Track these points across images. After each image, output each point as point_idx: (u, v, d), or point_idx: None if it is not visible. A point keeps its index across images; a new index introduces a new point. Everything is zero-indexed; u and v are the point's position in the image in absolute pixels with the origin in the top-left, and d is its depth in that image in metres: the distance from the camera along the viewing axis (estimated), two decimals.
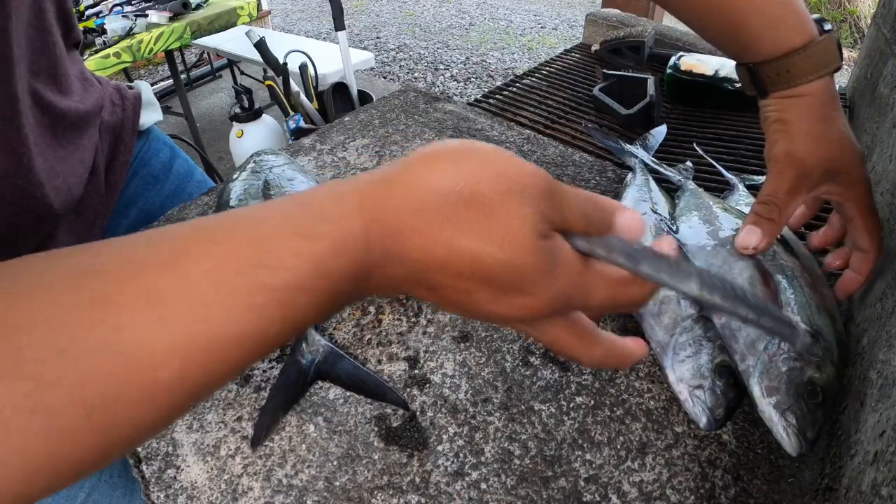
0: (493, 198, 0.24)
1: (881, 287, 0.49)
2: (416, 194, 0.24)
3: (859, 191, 0.43)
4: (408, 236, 0.24)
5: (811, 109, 0.42)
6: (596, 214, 0.27)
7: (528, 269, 0.24)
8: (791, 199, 0.43)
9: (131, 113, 0.64)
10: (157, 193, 0.68)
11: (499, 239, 0.24)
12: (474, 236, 0.24)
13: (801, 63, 0.41)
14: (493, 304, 0.25)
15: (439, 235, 0.24)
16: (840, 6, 4.25)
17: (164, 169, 0.70)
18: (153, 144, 0.69)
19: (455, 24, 4.48)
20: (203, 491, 0.40)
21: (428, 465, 0.41)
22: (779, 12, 0.42)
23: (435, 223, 0.24)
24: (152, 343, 0.20)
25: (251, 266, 0.21)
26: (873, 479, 0.34)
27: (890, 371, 0.39)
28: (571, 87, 1.18)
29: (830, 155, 0.42)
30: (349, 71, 2.05)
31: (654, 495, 0.39)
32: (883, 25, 0.99)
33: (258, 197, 0.56)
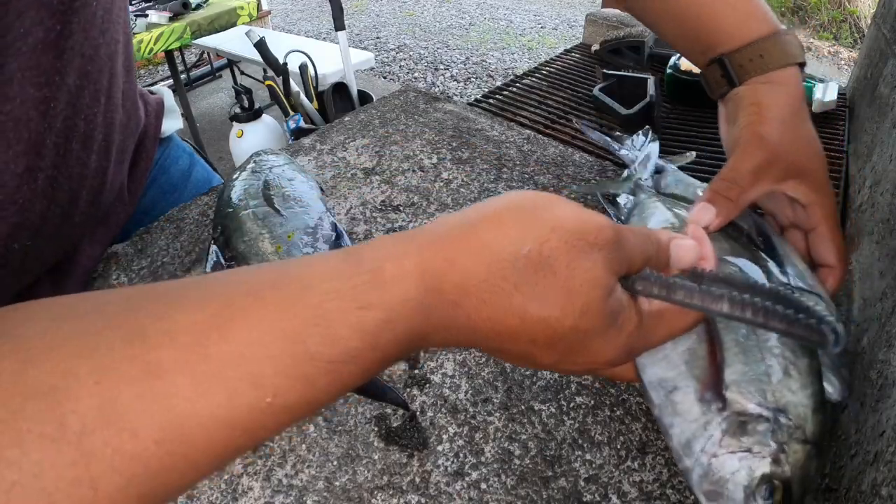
0: (563, 259, 0.23)
1: (881, 287, 0.49)
2: (482, 261, 0.23)
3: (826, 196, 0.41)
4: (474, 308, 0.23)
5: (786, 97, 0.41)
6: (656, 254, 0.27)
7: (596, 332, 0.24)
8: (755, 181, 0.40)
9: (154, 119, 0.63)
10: (174, 202, 0.67)
11: (571, 306, 0.23)
12: (545, 303, 0.23)
13: (772, 49, 0.41)
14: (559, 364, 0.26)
15: (508, 306, 0.23)
16: (840, 6, 4.25)
17: (182, 177, 0.69)
18: (173, 152, 0.68)
19: (455, 24, 4.48)
20: (203, 491, 0.40)
21: (428, 465, 0.41)
22: (745, 6, 0.42)
23: (503, 293, 0.23)
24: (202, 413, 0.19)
25: (303, 335, 0.20)
26: (873, 479, 0.34)
27: (890, 371, 0.39)
28: (571, 87, 1.18)
29: (800, 151, 0.40)
30: (349, 71, 2.05)
31: (654, 495, 0.39)
32: (883, 25, 0.99)
33: (258, 197, 0.56)
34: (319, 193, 0.60)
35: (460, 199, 0.66)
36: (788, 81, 0.41)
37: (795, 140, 0.40)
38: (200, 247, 0.60)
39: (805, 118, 0.41)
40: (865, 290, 0.54)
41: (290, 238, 0.51)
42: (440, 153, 0.74)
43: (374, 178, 0.69)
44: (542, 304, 0.23)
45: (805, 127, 0.41)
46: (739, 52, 0.41)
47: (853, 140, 0.96)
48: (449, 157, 0.73)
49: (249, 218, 0.53)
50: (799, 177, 0.40)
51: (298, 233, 0.52)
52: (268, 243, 0.50)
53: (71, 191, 0.46)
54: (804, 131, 0.41)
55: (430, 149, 0.75)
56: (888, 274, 0.48)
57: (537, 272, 0.23)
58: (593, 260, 0.24)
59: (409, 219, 0.63)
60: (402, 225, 0.62)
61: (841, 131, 1.00)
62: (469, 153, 0.74)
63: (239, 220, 0.53)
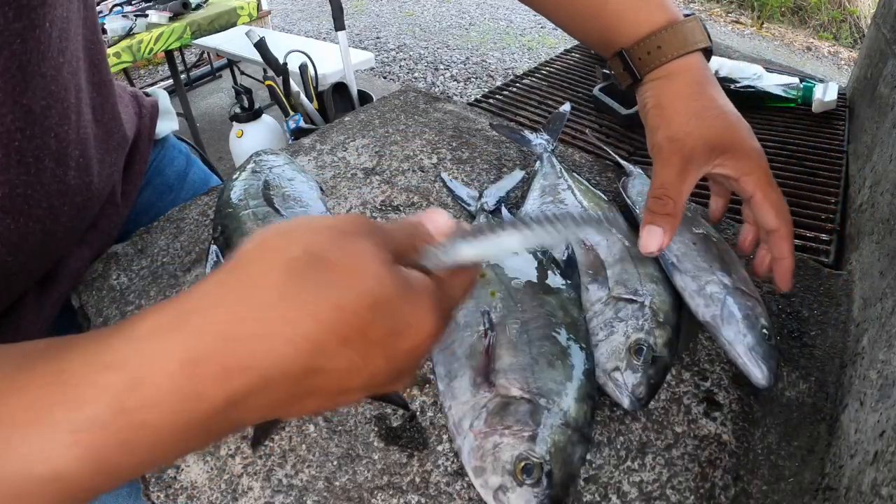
0: (333, 250, 0.24)
1: (881, 287, 0.49)
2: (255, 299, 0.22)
3: (753, 163, 0.41)
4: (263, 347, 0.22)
5: (686, 87, 0.42)
6: (415, 230, 0.28)
7: (394, 298, 0.24)
8: (682, 185, 0.41)
9: (148, 121, 0.63)
10: (171, 203, 0.66)
11: (361, 283, 0.23)
12: (333, 290, 0.23)
13: (669, 38, 0.41)
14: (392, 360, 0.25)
15: (297, 315, 0.22)
16: (840, 6, 4.25)
17: (179, 178, 0.69)
18: (168, 153, 0.68)
19: (455, 24, 4.48)
20: (203, 491, 0.40)
21: (428, 465, 0.41)
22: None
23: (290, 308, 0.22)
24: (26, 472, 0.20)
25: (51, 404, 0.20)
26: (873, 479, 0.34)
27: (890, 371, 0.39)
28: (571, 87, 1.18)
29: (712, 131, 0.41)
30: (349, 71, 2.05)
31: (654, 495, 0.39)
32: (883, 25, 0.99)
33: (258, 197, 0.56)
34: (319, 193, 0.60)
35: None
36: (689, 68, 0.42)
37: (706, 124, 0.41)
38: (200, 247, 0.59)
39: (712, 96, 0.41)
40: (865, 290, 0.54)
41: None
42: (440, 153, 0.74)
43: (374, 178, 0.69)
44: (330, 292, 0.23)
45: (712, 105, 0.41)
46: (638, 46, 0.42)
47: (853, 140, 0.96)
48: (449, 157, 0.73)
49: (249, 218, 0.53)
50: (722, 155, 0.41)
51: None
52: None
53: (50, 207, 0.45)
54: (712, 111, 0.41)
55: (430, 149, 0.75)
56: (888, 274, 0.48)
57: (314, 269, 0.23)
58: (361, 242, 0.25)
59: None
60: None
61: (841, 131, 1.00)
62: (469, 153, 0.74)
63: (239, 220, 0.53)
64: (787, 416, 0.45)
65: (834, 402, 0.46)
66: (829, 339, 0.52)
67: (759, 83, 1.10)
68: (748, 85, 1.10)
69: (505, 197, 0.63)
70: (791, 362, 0.49)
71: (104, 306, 0.54)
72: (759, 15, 4.46)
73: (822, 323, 0.53)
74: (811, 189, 0.86)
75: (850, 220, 0.76)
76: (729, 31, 4.35)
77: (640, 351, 0.43)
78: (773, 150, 0.96)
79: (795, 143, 0.97)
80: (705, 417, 0.44)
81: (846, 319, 0.54)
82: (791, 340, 0.51)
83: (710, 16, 4.65)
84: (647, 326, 0.45)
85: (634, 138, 1.04)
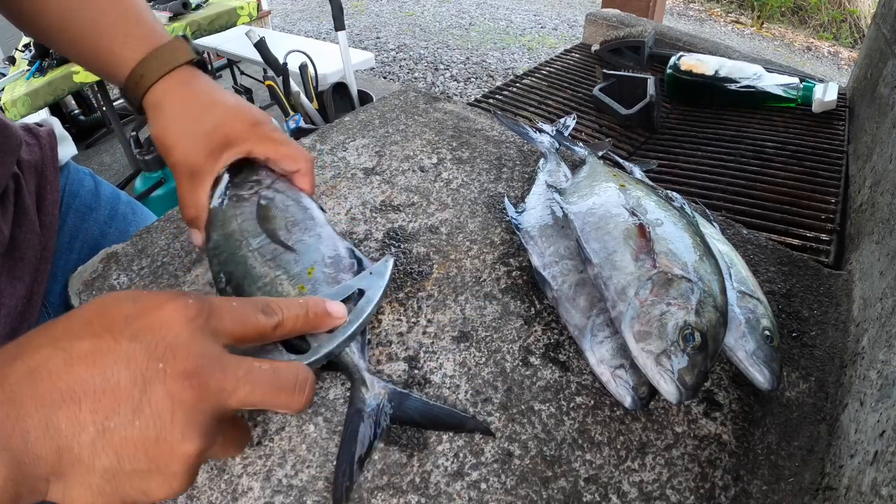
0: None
1: (881, 287, 0.49)
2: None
3: (249, 136, 0.47)
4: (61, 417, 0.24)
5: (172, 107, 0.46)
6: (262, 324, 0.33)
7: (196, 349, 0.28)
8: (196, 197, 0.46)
9: (49, 150, 0.63)
10: (94, 222, 0.67)
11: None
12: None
13: (150, 65, 0.46)
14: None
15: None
16: (840, 6, 4.25)
17: (93, 196, 0.68)
18: (75, 176, 0.68)
19: (455, 24, 4.48)
20: (203, 491, 0.40)
21: (428, 465, 0.41)
22: (123, 30, 0.47)
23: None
24: None
25: None
26: (873, 479, 0.34)
27: (890, 371, 0.39)
28: (571, 87, 1.18)
29: (204, 140, 0.45)
30: (349, 71, 2.05)
31: (654, 495, 0.39)
32: (883, 25, 0.99)
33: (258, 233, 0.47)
34: (323, 214, 0.51)
35: (460, 198, 0.66)
36: (164, 97, 0.46)
37: (197, 136, 0.45)
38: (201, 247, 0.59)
39: (198, 112, 0.46)
40: (865, 290, 0.54)
41: (311, 274, 0.45)
42: (440, 153, 0.74)
43: (374, 178, 0.69)
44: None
45: (202, 113, 0.46)
46: (128, 79, 0.47)
47: (853, 140, 0.96)
48: (449, 157, 0.73)
49: (257, 260, 0.45)
50: (227, 150, 0.46)
51: (318, 266, 0.46)
52: (288, 285, 0.44)
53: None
54: (203, 118, 0.46)
55: (430, 149, 0.75)
56: (888, 274, 0.48)
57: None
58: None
59: (409, 218, 0.63)
60: (401, 224, 0.62)
61: (841, 131, 1.00)
62: (469, 153, 0.74)
63: (245, 264, 0.45)
64: (787, 416, 0.45)
65: (834, 402, 0.46)
66: (829, 339, 0.52)
67: (759, 83, 1.10)
68: (748, 85, 1.10)
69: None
70: (791, 362, 0.49)
71: None
72: (759, 15, 4.46)
73: (822, 323, 0.53)
74: (811, 189, 0.86)
75: (850, 220, 0.76)
76: (729, 31, 4.35)
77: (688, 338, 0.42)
78: (773, 150, 0.96)
79: (795, 143, 0.97)
80: (705, 417, 0.44)
81: (846, 319, 0.54)
82: (791, 340, 0.51)
83: (711, 16, 4.65)
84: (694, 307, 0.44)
85: (634, 138, 1.04)
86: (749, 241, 0.63)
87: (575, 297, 0.48)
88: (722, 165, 0.94)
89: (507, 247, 0.59)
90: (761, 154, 0.96)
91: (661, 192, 0.57)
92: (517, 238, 0.59)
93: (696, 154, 0.99)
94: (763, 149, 0.97)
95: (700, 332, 0.41)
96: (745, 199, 0.85)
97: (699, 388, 0.40)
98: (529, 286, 0.55)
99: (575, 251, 0.51)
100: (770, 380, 0.43)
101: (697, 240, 0.48)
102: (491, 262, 0.57)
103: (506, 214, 0.63)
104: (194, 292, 0.28)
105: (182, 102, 0.47)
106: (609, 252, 0.47)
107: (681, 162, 0.97)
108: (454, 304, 0.53)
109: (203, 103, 0.47)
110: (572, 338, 0.48)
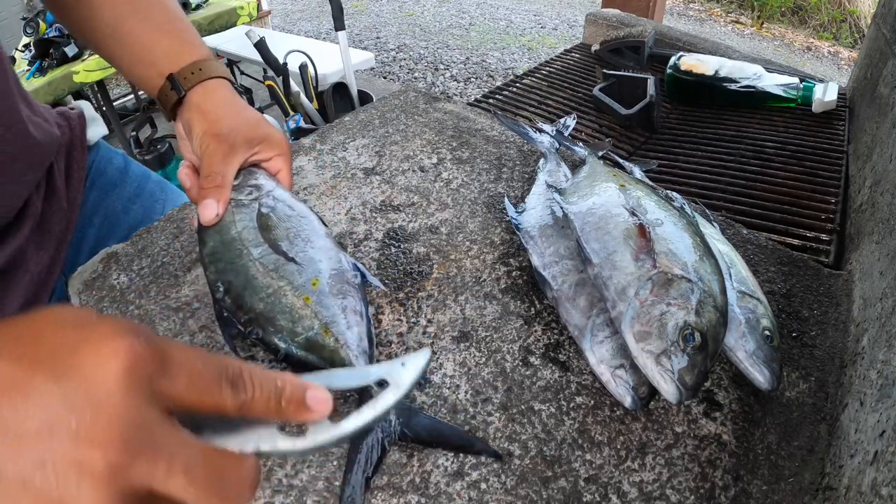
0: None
1: (881, 287, 0.49)
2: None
3: (280, 148, 0.53)
4: None
5: (223, 98, 0.53)
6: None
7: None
8: (227, 167, 0.49)
9: (79, 131, 0.68)
10: (117, 198, 0.70)
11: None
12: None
13: (206, 66, 0.54)
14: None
15: None
16: (840, 6, 4.25)
17: (120, 174, 0.72)
18: (105, 154, 0.72)
19: (455, 24, 4.48)
20: None
21: (428, 465, 0.41)
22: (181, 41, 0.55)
23: None
24: None
25: None
26: (873, 479, 0.34)
27: (890, 371, 0.39)
28: (571, 87, 1.18)
29: (249, 128, 0.52)
30: (349, 71, 2.05)
31: (654, 495, 0.39)
32: (883, 25, 0.99)
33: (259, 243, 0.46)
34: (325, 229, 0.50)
35: (460, 199, 0.66)
36: (219, 87, 0.53)
37: (240, 123, 0.52)
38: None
39: (243, 107, 0.54)
40: (865, 290, 0.54)
41: (316, 286, 0.44)
42: (440, 153, 0.74)
43: (374, 178, 0.69)
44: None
45: (245, 112, 0.53)
46: (183, 70, 0.53)
47: (853, 140, 0.96)
48: (449, 157, 0.73)
49: (259, 270, 0.44)
50: (259, 144, 0.52)
51: (323, 278, 0.45)
52: (292, 297, 0.43)
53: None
54: (245, 115, 0.53)
55: (430, 149, 0.75)
56: (888, 274, 0.48)
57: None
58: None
59: (409, 218, 0.63)
60: (401, 224, 0.62)
61: (841, 131, 1.00)
62: (469, 153, 0.74)
63: (246, 274, 0.44)
64: (787, 416, 0.45)
65: (834, 402, 0.46)
66: (829, 339, 0.52)
67: (759, 83, 1.10)
68: (748, 85, 1.10)
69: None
70: (791, 362, 0.49)
71: (104, 306, 0.54)
72: (759, 15, 4.46)
73: (822, 323, 0.53)
74: (811, 189, 0.86)
75: (850, 220, 0.76)
76: (729, 31, 4.35)
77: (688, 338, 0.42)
78: (773, 150, 0.96)
79: (795, 143, 0.97)
80: (705, 417, 0.44)
81: (846, 319, 0.54)
82: (791, 340, 0.51)
83: (711, 16, 4.65)
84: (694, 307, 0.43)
85: (634, 138, 1.04)
86: (749, 241, 0.63)
87: (575, 297, 0.48)
88: (722, 165, 0.94)
89: (507, 247, 0.59)
90: (761, 154, 0.96)
91: (661, 192, 0.57)
92: (517, 238, 0.59)
93: (696, 154, 0.99)
94: (763, 149, 0.97)
95: (700, 332, 0.41)
96: (745, 199, 0.85)
97: (699, 388, 0.40)
98: (529, 286, 0.55)
99: (575, 251, 0.51)
100: (770, 380, 0.43)
101: (697, 240, 0.48)
102: (491, 262, 0.57)
103: (506, 214, 0.63)
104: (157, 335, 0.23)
105: (234, 97, 0.54)
106: (609, 252, 0.47)
107: (681, 162, 0.97)
108: (454, 304, 0.53)
109: (249, 108, 0.55)
110: (572, 338, 0.48)
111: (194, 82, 0.53)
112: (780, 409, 0.46)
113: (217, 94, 0.53)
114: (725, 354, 0.46)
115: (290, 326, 0.42)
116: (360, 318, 0.44)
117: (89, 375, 0.21)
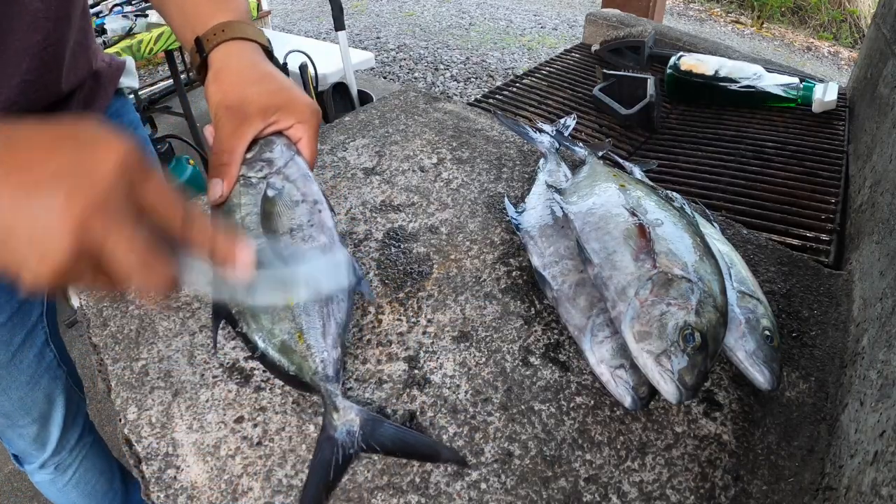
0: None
1: (881, 287, 0.49)
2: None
3: (304, 114, 0.50)
4: None
5: (239, 60, 0.50)
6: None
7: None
8: (237, 142, 0.48)
9: (115, 70, 0.70)
10: None
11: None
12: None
13: (233, 27, 0.51)
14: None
15: None
16: (840, 6, 4.25)
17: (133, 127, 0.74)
18: (125, 105, 0.74)
19: (455, 24, 4.48)
20: (203, 491, 0.40)
21: (428, 465, 0.41)
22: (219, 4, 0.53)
23: None
24: None
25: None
26: (873, 479, 0.34)
27: (890, 371, 0.39)
28: (571, 87, 1.18)
29: (265, 96, 0.49)
30: (349, 71, 2.05)
31: (654, 495, 0.39)
32: (883, 25, 0.99)
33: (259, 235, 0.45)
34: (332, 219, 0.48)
35: (460, 198, 0.66)
36: (242, 50, 0.51)
37: (255, 92, 0.49)
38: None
39: (265, 69, 0.51)
40: (865, 290, 0.54)
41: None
42: (440, 153, 0.74)
43: (374, 178, 0.69)
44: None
45: (265, 78, 0.50)
46: (208, 31, 0.52)
47: (853, 140, 0.96)
48: (449, 157, 0.73)
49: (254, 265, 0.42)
50: (277, 112, 0.49)
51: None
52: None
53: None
54: (265, 81, 0.50)
55: (430, 149, 0.75)
56: (888, 274, 0.48)
57: None
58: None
59: (409, 218, 0.63)
60: (401, 224, 0.62)
61: (841, 131, 1.00)
62: (469, 153, 0.74)
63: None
64: (787, 416, 0.45)
65: (834, 402, 0.46)
66: (829, 339, 0.52)
67: (759, 83, 1.10)
68: (748, 85, 1.10)
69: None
70: (791, 362, 0.49)
71: (104, 306, 0.54)
72: (759, 15, 4.46)
73: (822, 323, 0.53)
74: (811, 189, 0.86)
75: (850, 220, 0.76)
76: (729, 31, 4.35)
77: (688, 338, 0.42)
78: (773, 150, 0.96)
79: (795, 143, 0.97)
80: (705, 417, 0.44)
81: (846, 319, 0.54)
82: (791, 340, 0.51)
83: (711, 16, 4.65)
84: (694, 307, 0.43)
85: (634, 138, 1.04)
86: (749, 241, 0.63)
87: (575, 297, 0.48)
88: (722, 165, 0.94)
89: (507, 247, 0.59)
90: (761, 154, 0.96)
91: (661, 192, 0.57)
92: (517, 238, 0.59)
93: (696, 154, 0.99)
94: (763, 149, 0.97)
95: (700, 332, 0.41)
96: (745, 199, 0.85)
97: (699, 388, 0.40)
98: (529, 286, 0.55)
99: (575, 251, 0.51)
100: (770, 380, 0.43)
101: (697, 240, 0.48)
102: (491, 262, 0.57)
103: (506, 214, 0.63)
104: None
105: (259, 60, 0.51)
106: (609, 252, 0.47)
107: (681, 162, 0.97)
108: (454, 304, 0.53)
109: (275, 72, 0.51)
110: (572, 338, 0.48)
111: (216, 43, 0.50)
112: (780, 409, 0.46)
113: (238, 57, 0.50)
114: (725, 354, 0.46)
115: (269, 326, 0.42)
116: (338, 327, 0.42)
117: (97, 155, 0.30)
